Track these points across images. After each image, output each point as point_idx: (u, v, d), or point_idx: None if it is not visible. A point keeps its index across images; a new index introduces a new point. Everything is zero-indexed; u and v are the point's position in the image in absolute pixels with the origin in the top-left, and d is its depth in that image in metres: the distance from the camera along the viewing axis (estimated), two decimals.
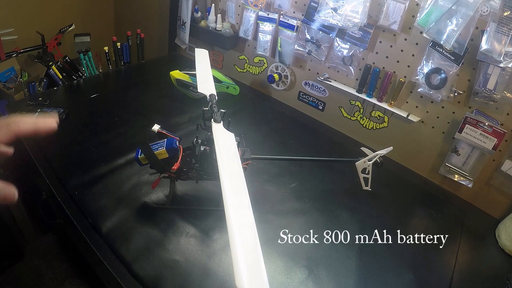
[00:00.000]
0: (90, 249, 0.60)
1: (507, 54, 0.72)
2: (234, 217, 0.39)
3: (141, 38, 1.32)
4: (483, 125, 0.80)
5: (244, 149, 0.66)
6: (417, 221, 0.83)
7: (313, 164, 0.89)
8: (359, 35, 0.93)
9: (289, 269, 0.62)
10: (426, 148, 0.95)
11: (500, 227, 0.81)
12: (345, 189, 0.83)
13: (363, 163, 0.77)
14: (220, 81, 1.13)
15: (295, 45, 1.07)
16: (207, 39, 1.29)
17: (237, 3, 1.17)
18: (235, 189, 0.43)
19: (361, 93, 1.00)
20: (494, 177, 0.85)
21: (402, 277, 0.65)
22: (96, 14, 1.67)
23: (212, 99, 0.62)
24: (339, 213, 0.76)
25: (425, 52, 0.85)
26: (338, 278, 0.62)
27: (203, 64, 0.73)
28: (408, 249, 0.71)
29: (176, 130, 0.93)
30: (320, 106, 1.13)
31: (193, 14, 1.27)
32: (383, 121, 1.00)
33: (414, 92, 0.91)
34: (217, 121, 0.57)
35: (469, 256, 0.74)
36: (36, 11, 1.42)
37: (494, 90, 0.77)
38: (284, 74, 1.16)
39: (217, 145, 0.50)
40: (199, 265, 0.59)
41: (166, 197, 0.71)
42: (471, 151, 0.86)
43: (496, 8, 0.71)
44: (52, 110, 0.92)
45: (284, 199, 0.78)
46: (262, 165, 0.85)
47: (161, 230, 0.65)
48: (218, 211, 0.70)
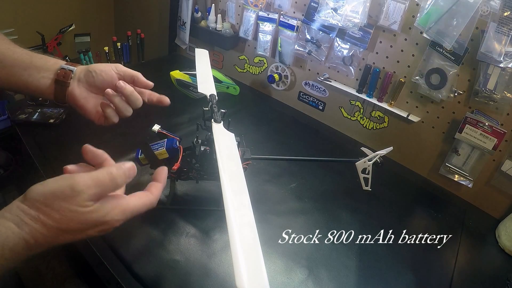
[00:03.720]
0: (90, 249, 0.60)
1: (507, 54, 0.72)
2: (234, 217, 0.39)
3: (141, 38, 1.32)
4: (483, 125, 0.80)
5: (244, 149, 0.66)
6: (417, 221, 0.83)
7: (313, 164, 0.89)
8: (359, 35, 0.94)
9: (289, 269, 0.62)
10: (426, 148, 0.95)
11: (500, 227, 0.81)
12: (345, 189, 0.83)
13: (363, 163, 0.77)
14: (220, 81, 1.13)
15: (295, 45, 1.07)
16: (207, 39, 1.29)
17: (237, 3, 1.17)
18: (235, 189, 0.43)
19: (361, 93, 1.00)
20: (494, 177, 0.84)
21: (402, 277, 0.65)
22: (96, 14, 1.68)
23: (212, 99, 0.62)
24: (339, 213, 0.76)
25: (425, 52, 0.85)
26: (338, 278, 0.62)
27: (203, 64, 0.73)
28: (408, 249, 0.71)
29: (176, 130, 0.93)
30: (320, 106, 1.13)
31: (193, 14, 1.27)
32: (383, 121, 1.00)
33: (414, 92, 0.91)
34: (217, 121, 0.57)
35: (469, 256, 0.74)
36: (36, 11, 1.42)
37: (494, 90, 0.77)
38: (284, 74, 1.16)
39: (217, 145, 0.50)
40: (199, 265, 0.59)
41: (166, 197, 0.71)
42: (471, 151, 0.86)
43: (496, 8, 0.71)
44: (52, 110, 0.93)
45: (284, 199, 0.78)
46: (262, 165, 0.85)
47: (161, 230, 0.65)
48: (218, 211, 0.70)
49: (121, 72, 0.55)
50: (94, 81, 0.54)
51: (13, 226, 0.34)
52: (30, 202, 0.35)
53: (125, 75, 0.56)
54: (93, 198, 0.37)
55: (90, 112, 0.56)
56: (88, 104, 0.55)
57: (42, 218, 0.35)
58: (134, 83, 0.56)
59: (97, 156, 0.43)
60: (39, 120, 0.89)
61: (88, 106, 0.55)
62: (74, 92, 0.54)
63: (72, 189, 0.36)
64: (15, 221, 0.34)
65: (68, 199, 0.36)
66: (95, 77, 0.54)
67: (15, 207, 0.35)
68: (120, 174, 0.39)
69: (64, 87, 0.53)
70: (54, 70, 0.54)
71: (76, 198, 0.36)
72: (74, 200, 0.36)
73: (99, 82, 0.54)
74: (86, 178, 0.37)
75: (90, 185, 0.37)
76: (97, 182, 0.37)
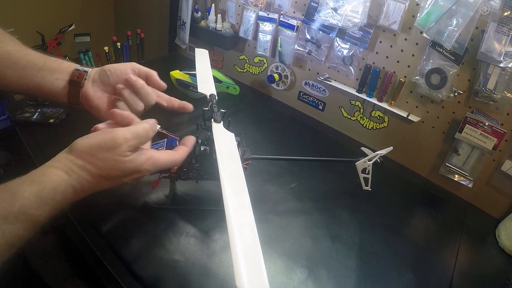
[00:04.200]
0: (90, 249, 0.60)
1: (507, 54, 0.72)
2: (234, 217, 0.39)
3: (141, 38, 1.32)
4: (483, 125, 0.80)
5: (244, 149, 0.66)
6: (417, 221, 0.83)
7: (313, 164, 0.89)
8: (359, 35, 0.93)
9: (289, 269, 0.62)
10: (426, 148, 0.94)
11: (500, 227, 0.81)
12: (345, 189, 0.83)
13: (363, 163, 0.77)
14: (220, 81, 1.13)
15: (295, 45, 1.07)
16: (207, 39, 1.29)
17: (237, 3, 1.17)
18: (235, 189, 0.43)
19: (361, 93, 1.00)
20: (494, 177, 0.84)
21: (402, 277, 0.65)
22: (96, 14, 1.68)
23: (212, 99, 0.62)
24: (339, 213, 0.76)
25: (425, 52, 0.85)
26: (338, 278, 0.62)
27: (203, 64, 0.73)
28: (408, 249, 0.71)
29: (176, 130, 0.93)
30: (320, 106, 1.13)
31: (193, 14, 1.27)
32: (383, 121, 1.00)
33: (414, 92, 0.91)
34: (217, 121, 0.57)
35: (469, 256, 0.74)
36: (36, 11, 1.42)
37: (494, 90, 0.77)
38: (284, 74, 1.16)
39: (217, 145, 0.50)
40: (199, 265, 0.59)
41: (166, 197, 0.71)
42: (471, 151, 0.86)
43: (496, 8, 0.71)
44: (52, 110, 0.93)
45: (284, 199, 0.78)
46: (262, 165, 0.85)
47: (161, 230, 0.65)
48: (218, 211, 0.70)
49: (135, 69, 0.55)
50: (109, 79, 0.54)
51: (63, 174, 0.40)
52: (77, 153, 0.41)
53: (140, 72, 0.56)
54: (131, 149, 0.43)
55: (104, 113, 0.55)
56: (102, 104, 0.55)
57: (88, 167, 0.41)
58: (147, 81, 0.56)
59: (125, 117, 0.47)
60: (39, 120, 0.89)
61: (102, 106, 0.55)
62: (88, 92, 0.54)
63: (114, 140, 0.41)
64: (65, 169, 0.40)
65: (110, 150, 0.41)
66: (110, 75, 0.54)
67: (64, 158, 0.41)
68: (151, 129, 0.46)
69: (78, 88, 0.53)
70: (69, 72, 0.54)
71: (118, 148, 0.42)
72: (116, 150, 0.41)
73: (113, 80, 0.54)
74: (126, 131, 0.43)
75: (130, 138, 0.43)
76: (135, 134, 0.43)
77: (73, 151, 0.42)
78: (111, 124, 0.48)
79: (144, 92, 0.54)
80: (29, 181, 0.38)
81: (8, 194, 0.36)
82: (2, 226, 0.35)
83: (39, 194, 0.37)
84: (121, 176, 0.44)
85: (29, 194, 0.37)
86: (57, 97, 0.54)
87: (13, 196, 0.36)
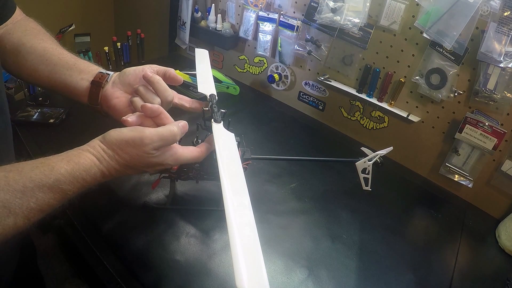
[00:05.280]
0: (90, 249, 0.60)
1: (507, 54, 0.72)
2: (234, 217, 0.39)
3: (141, 38, 1.32)
4: (483, 125, 0.80)
5: (244, 149, 0.66)
6: (417, 221, 0.83)
7: (313, 164, 0.89)
8: (359, 35, 0.94)
9: (289, 269, 0.62)
10: (426, 148, 0.95)
11: (500, 227, 0.81)
12: (345, 189, 0.83)
13: (363, 163, 0.77)
14: (220, 81, 1.13)
15: (295, 45, 1.07)
16: (207, 39, 1.29)
17: (237, 3, 1.17)
18: (235, 189, 0.43)
19: (361, 93, 1.00)
20: (494, 177, 0.84)
21: (402, 277, 0.65)
22: (96, 14, 1.68)
23: (212, 99, 0.62)
24: (339, 213, 0.76)
25: (425, 52, 0.85)
26: (338, 278, 0.62)
27: (203, 64, 0.73)
28: (408, 249, 0.71)
29: None
30: (320, 106, 1.13)
31: (193, 14, 1.27)
32: (383, 121, 1.00)
33: (414, 92, 0.91)
34: (217, 121, 0.57)
35: (469, 256, 0.74)
36: (36, 11, 1.41)
37: (494, 90, 0.77)
38: (284, 74, 1.16)
39: (217, 145, 0.50)
40: (199, 265, 0.59)
41: (166, 197, 0.71)
42: (471, 151, 0.86)
43: (496, 8, 0.71)
44: (52, 110, 0.93)
45: (284, 199, 0.78)
46: (262, 165, 0.85)
47: (161, 230, 0.65)
48: (218, 211, 0.70)
49: (154, 68, 0.58)
50: (128, 79, 0.57)
51: (95, 159, 0.45)
52: (108, 144, 0.46)
53: (158, 71, 0.58)
54: (156, 149, 0.47)
55: (121, 112, 0.56)
56: (119, 104, 0.56)
57: (116, 157, 0.46)
58: (165, 78, 0.58)
59: (154, 111, 0.50)
60: (39, 120, 0.89)
61: (120, 105, 0.56)
62: (107, 92, 0.56)
63: (141, 140, 0.46)
64: (97, 156, 0.45)
65: (137, 147, 0.46)
66: (128, 75, 0.57)
67: (97, 145, 0.46)
68: (179, 132, 0.50)
69: (99, 88, 0.56)
70: (93, 74, 0.57)
71: (144, 147, 0.46)
72: (142, 149, 0.46)
73: (131, 79, 0.57)
74: (154, 133, 0.47)
75: (156, 140, 0.47)
76: (161, 137, 0.47)
77: (105, 141, 0.46)
78: (141, 117, 0.50)
79: (161, 87, 0.55)
80: (66, 160, 0.43)
81: (47, 167, 0.41)
82: (37, 193, 0.40)
83: (73, 173, 0.42)
84: (145, 167, 0.49)
85: (65, 171, 0.42)
86: (79, 96, 0.57)
87: (51, 170, 0.41)
